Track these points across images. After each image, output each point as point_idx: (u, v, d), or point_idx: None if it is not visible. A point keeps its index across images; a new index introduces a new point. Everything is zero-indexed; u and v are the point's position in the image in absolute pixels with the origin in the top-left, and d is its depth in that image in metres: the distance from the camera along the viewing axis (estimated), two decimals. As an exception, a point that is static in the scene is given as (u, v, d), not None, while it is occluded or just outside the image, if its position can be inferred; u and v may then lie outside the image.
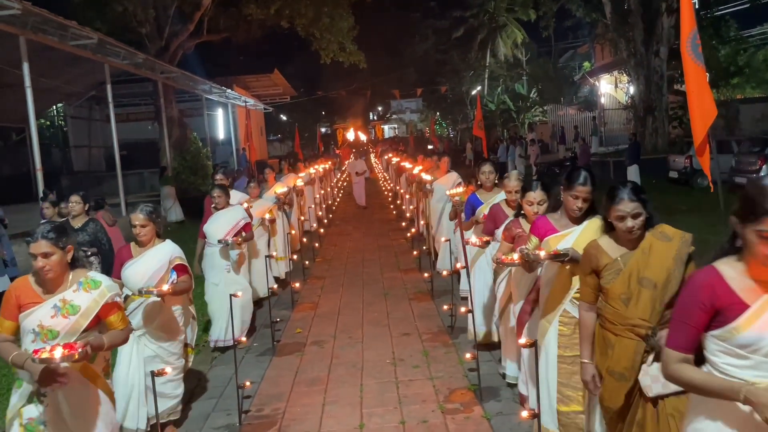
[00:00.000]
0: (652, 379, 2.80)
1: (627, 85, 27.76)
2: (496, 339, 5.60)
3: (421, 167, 10.79)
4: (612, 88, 33.09)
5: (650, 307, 2.83)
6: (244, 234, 6.40)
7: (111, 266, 4.84)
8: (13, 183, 19.91)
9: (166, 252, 4.47)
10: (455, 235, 7.23)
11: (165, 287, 4.15)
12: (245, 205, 7.21)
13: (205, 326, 6.86)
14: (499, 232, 4.76)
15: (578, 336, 3.28)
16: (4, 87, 16.30)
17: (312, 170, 14.48)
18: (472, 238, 5.11)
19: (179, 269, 4.46)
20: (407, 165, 13.09)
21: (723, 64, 23.44)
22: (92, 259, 5.96)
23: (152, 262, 4.38)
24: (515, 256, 3.71)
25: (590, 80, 35.59)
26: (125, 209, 14.81)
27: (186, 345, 4.77)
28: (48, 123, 28.67)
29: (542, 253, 3.38)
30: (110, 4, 17.21)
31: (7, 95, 16.79)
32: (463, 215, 5.90)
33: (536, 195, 4.24)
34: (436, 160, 10.86)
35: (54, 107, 26.50)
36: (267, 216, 8.32)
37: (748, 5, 23.85)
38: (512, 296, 4.53)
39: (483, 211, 5.65)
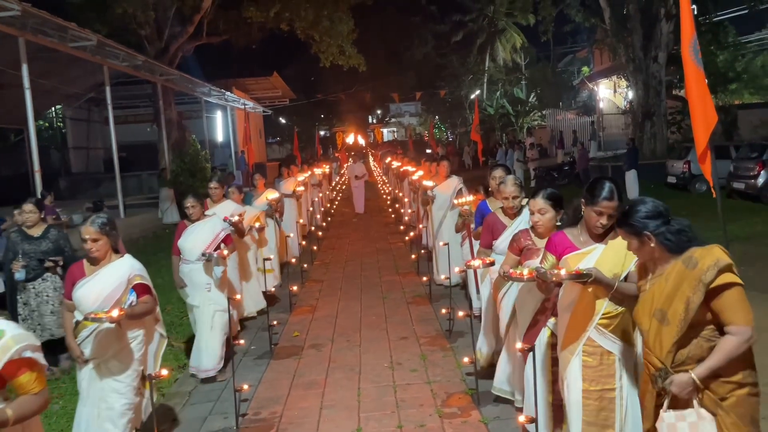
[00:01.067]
0: (668, 428, 2.57)
1: (625, 89, 27.80)
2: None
3: (422, 173, 10.44)
4: (611, 93, 33.14)
5: (659, 344, 2.62)
6: (224, 247, 5.77)
7: None
8: (11, 184, 19.88)
9: (123, 269, 3.90)
10: (461, 248, 6.85)
11: (114, 313, 3.53)
12: (236, 217, 6.62)
13: (186, 348, 6.32)
14: (500, 243, 4.54)
15: (605, 367, 3.07)
16: (3, 88, 16.29)
17: (306, 175, 13.73)
18: (475, 261, 4.62)
19: (139, 289, 3.91)
20: (409, 169, 12.81)
21: (721, 69, 23.46)
22: (59, 270, 5.68)
23: (107, 282, 3.85)
24: (525, 270, 3.41)
25: (589, 85, 35.64)
26: (124, 211, 14.81)
27: (145, 378, 4.07)
28: (46, 124, 28.63)
29: (563, 273, 2.99)
30: (110, 6, 17.19)
31: (5, 96, 16.77)
32: (472, 226, 5.57)
33: (535, 203, 3.85)
34: (435, 165, 10.32)
35: (53, 108, 26.47)
36: (255, 224, 7.69)
37: (746, 11, 23.89)
38: (516, 318, 4.15)
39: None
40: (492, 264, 4.53)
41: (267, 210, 8.66)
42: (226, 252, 5.69)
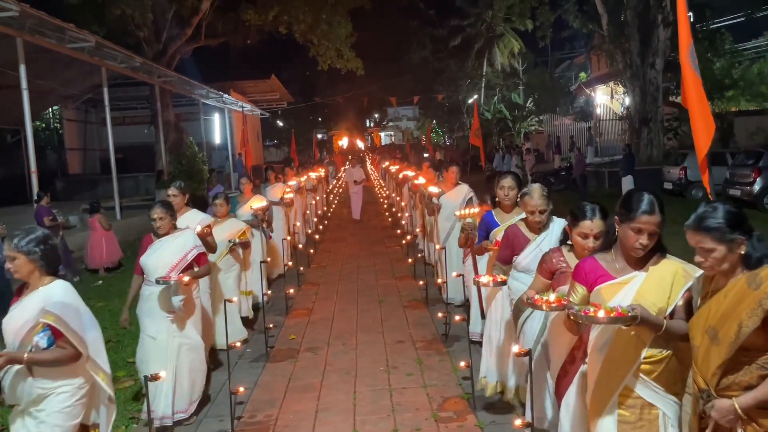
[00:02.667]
0: None
1: (622, 96, 27.88)
2: (510, 396, 4.73)
3: (425, 179, 9.55)
4: (608, 99, 33.25)
5: (707, 364, 2.40)
6: (196, 268, 4.88)
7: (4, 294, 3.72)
8: (7, 185, 19.85)
9: (35, 303, 3.19)
10: (463, 264, 6.23)
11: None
12: (199, 228, 5.46)
13: (135, 395, 5.40)
14: (521, 260, 4.06)
15: (646, 423, 2.64)
16: (1, 88, 16.26)
17: (299, 179, 12.96)
18: (483, 278, 4.18)
19: (55, 330, 3.14)
20: (409, 174, 12.34)
21: (718, 76, 23.59)
22: None
23: (20, 315, 3.22)
24: (551, 296, 3.01)
25: (586, 91, 35.74)
26: (120, 213, 14.79)
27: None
28: (43, 125, 28.59)
29: (601, 314, 2.46)
30: (108, 8, 17.20)
31: (3, 97, 16.75)
32: (476, 240, 5.05)
33: (595, 225, 3.22)
34: (433, 170, 9.96)
35: (50, 109, 26.44)
36: (238, 240, 6.59)
37: (743, 18, 24.03)
38: (549, 352, 3.61)
39: (497, 235, 4.59)
40: (504, 283, 4.12)
41: (252, 220, 7.75)
42: (188, 276, 4.71)
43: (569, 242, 3.40)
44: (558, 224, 4.03)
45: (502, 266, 4.22)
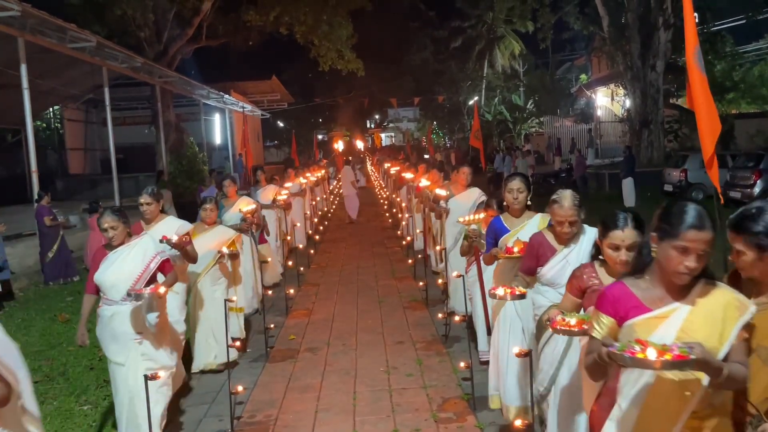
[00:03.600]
0: None
1: (623, 98, 27.91)
2: (530, 419, 4.03)
3: (430, 181, 9.16)
4: (608, 101, 33.27)
5: (758, 386, 2.15)
6: (162, 277, 4.34)
7: None
8: (8, 185, 19.86)
9: None
10: (466, 274, 5.77)
11: None
12: (175, 237, 4.85)
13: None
14: (546, 271, 3.66)
15: None
16: (1, 88, 16.28)
17: (297, 182, 12.41)
18: (499, 290, 3.69)
19: None
20: (409, 175, 12.05)
21: (719, 79, 23.62)
22: None
23: None
24: (572, 320, 2.72)
25: (587, 92, 35.77)
26: (120, 213, 14.77)
27: None
28: (44, 125, 28.60)
29: (652, 355, 1.92)
30: (109, 8, 17.22)
31: (3, 96, 16.76)
32: (483, 248, 4.70)
33: (627, 235, 2.85)
34: (439, 172, 9.56)
35: (51, 109, 26.47)
36: (226, 250, 5.87)
37: (743, 21, 24.05)
38: (584, 387, 2.90)
39: (506, 242, 4.26)
40: (522, 296, 3.69)
41: (240, 224, 7.12)
42: (162, 289, 4.09)
43: (602, 257, 3.01)
44: (589, 235, 3.60)
45: (524, 277, 3.81)
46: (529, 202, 4.45)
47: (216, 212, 6.22)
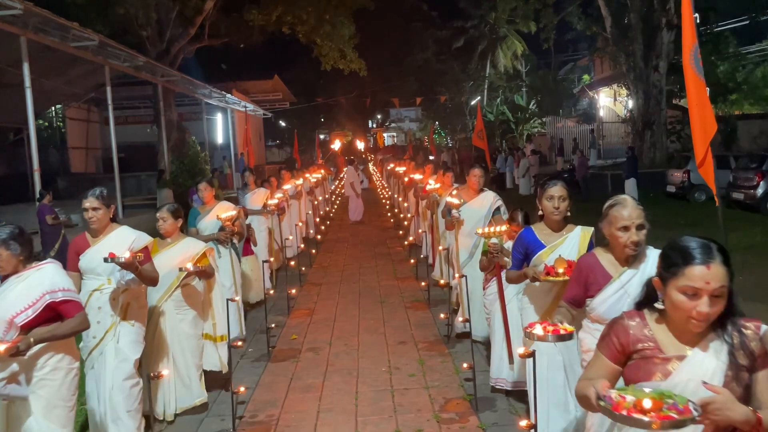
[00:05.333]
0: None
1: (626, 98, 27.89)
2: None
3: (437, 184, 8.42)
4: (611, 102, 33.27)
5: None
6: (56, 323, 3.36)
7: None
8: (10, 183, 19.87)
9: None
10: (486, 293, 5.08)
11: None
12: (128, 254, 3.78)
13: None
14: (598, 304, 2.95)
15: None
16: (4, 87, 16.30)
17: (288, 186, 11.60)
18: (538, 328, 2.91)
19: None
20: (418, 176, 11.60)
21: (721, 80, 23.58)
22: None
23: None
24: (629, 396, 1.83)
25: (589, 93, 35.77)
26: (122, 212, 14.79)
27: None
28: (46, 124, 28.64)
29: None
30: (112, 7, 17.22)
31: (6, 95, 16.77)
32: (505, 264, 4.11)
33: (713, 274, 1.89)
34: (444, 174, 8.75)
35: (53, 108, 26.50)
36: (191, 266, 4.64)
37: (747, 22, 24.01)
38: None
39: (543, 259, 3.60)
40: (569, 337, 2.91)
41: (218, 234, 6.30)
42: (25, 343, 3.13)
43: (659, 304, 2.08)
44: (653, 259, 2.80)
45: (570, 310, 3.09)
46: (568, 213, 3.71)
47: (172, 222, 4.91)
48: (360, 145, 50.05)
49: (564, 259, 3.45)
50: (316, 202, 15.19)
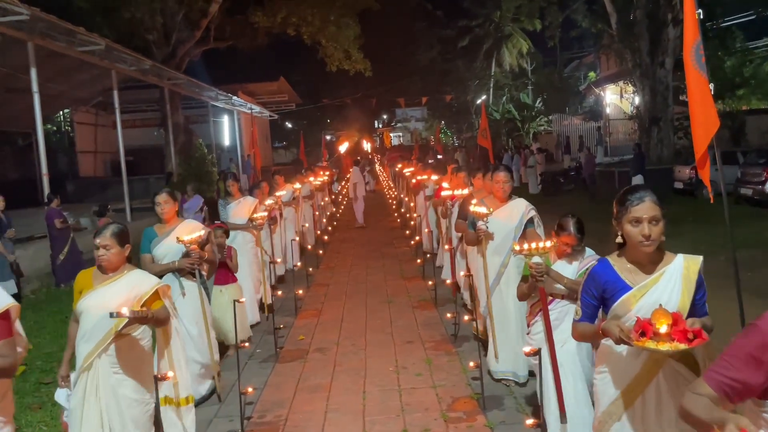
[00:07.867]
0: None
1: (632, 95, 27.76)
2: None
3: (450, 189, 7.33)
4: (617, 99, 33.11)
5: None
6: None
7: None
8: (19, 187, 20.00)
9: None
10: (533, 337, 3.94)
11: None
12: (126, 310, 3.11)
13: None
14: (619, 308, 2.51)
15: None
16: (12, 92, 16.41)
17: (282, 193, 10.24)
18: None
19: None
20: (425, 177, 11.25)
21: (729, 75, 23.44)
22: None
23: None
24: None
25: (595, 90, 35.61)
26: (130, 215, 14.88)
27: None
28: (54, 128, 28.81)
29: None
30: (118, 11, 17.33)
31: (14, 100, 16.90)
32: (555, 291, 3.59)
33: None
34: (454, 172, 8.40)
35: (61, 112, 26.65)
36: (126, 311, 3.15)
37: (754, 17, 23.85)
38: None
39: (630, 308, 2.48)
40: None
41: (182, 262, 4.94)
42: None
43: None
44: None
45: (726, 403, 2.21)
46: (662, 237, 2.49)
47: (118, 251, 3.49)
48: (366, 145, 50.05)
49: (665, 310, 2.31)
50: (323, 203, 15.10)
